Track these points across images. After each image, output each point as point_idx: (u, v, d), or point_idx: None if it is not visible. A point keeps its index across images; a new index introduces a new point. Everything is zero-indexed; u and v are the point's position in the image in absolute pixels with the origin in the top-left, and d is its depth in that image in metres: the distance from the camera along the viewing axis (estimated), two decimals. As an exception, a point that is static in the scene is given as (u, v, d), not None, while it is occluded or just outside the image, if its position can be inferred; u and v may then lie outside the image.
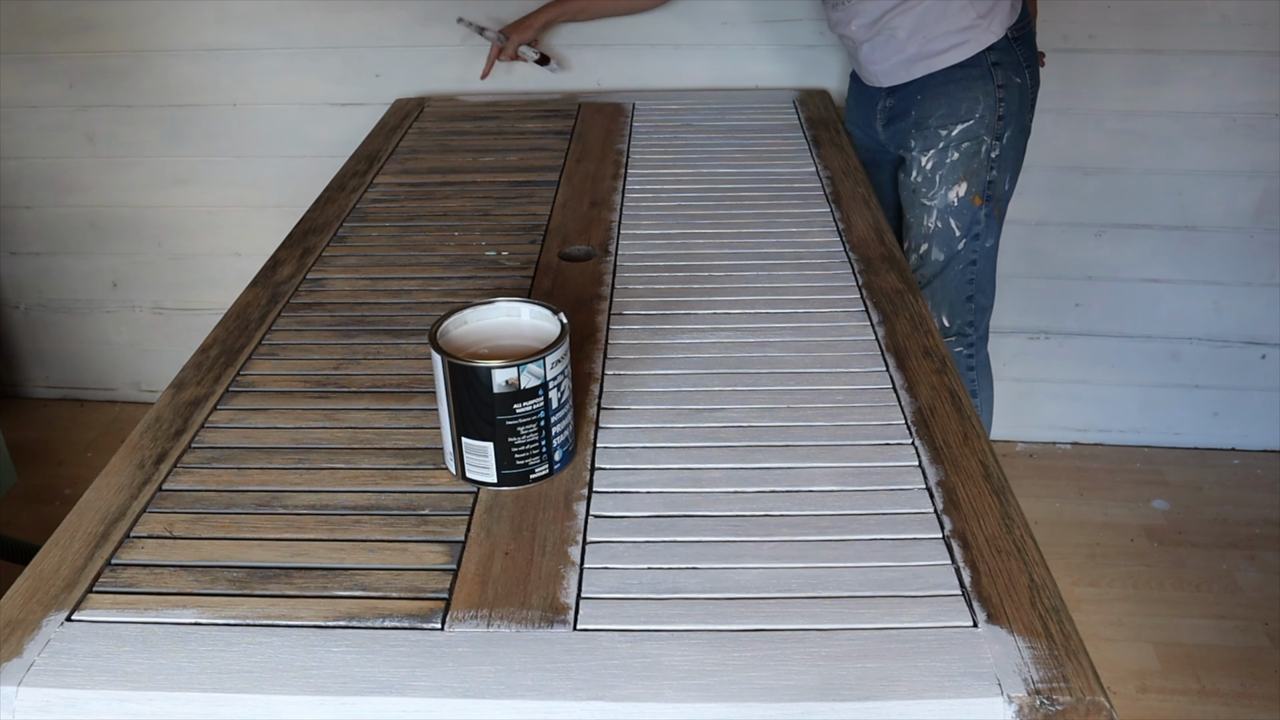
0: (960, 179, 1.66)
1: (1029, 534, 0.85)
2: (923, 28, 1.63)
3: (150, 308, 2.41)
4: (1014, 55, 1.63)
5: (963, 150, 1.65)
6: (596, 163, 1.65)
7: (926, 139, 1.67)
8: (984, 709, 0.70)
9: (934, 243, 1.71)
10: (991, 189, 1.67)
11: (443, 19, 2.06)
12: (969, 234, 1.69)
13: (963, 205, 1.67)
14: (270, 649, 0.75)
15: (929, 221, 1.70)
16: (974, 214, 1.68)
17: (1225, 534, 2.07)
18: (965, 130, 1.64)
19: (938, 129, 1.66)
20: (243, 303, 1.25)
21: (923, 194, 1.69)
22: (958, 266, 1.71)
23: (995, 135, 1.64)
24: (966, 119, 1.64)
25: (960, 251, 1.70)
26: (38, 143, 2.23)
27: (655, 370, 1.09)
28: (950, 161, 1.66)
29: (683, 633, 0.76)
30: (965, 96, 1.64)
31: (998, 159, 1.66)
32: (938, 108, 1.66)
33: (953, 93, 1.64)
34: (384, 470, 0.94)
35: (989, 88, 1.63)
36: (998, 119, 1.64)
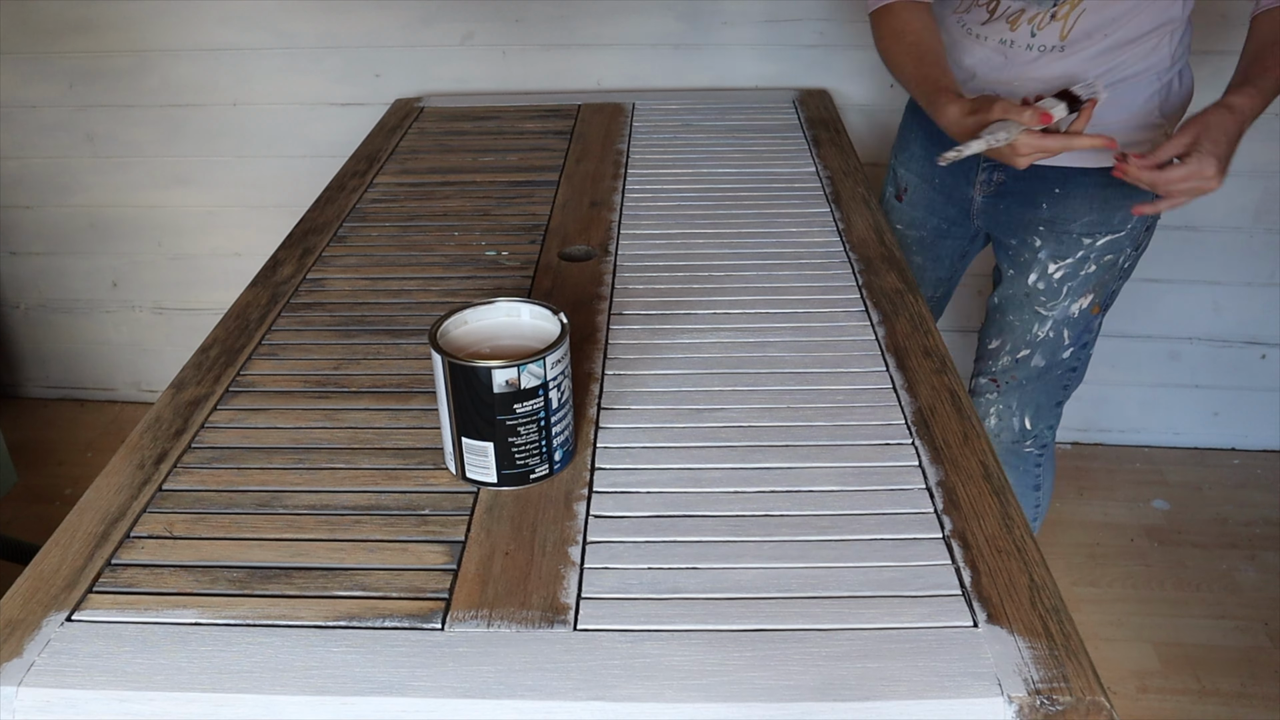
0: (1089, 291, 1.43)
1: (1029, 534, 0.85)
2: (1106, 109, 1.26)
3: (150, 308, 2.41)
4: None
5: (1102, 263, 1.41)
6: (596, 163, 1.65)
7: (1062, 245, 1.41)
8: (984, 709, 0.70)
9: (1039, 350, 1.48)
10: (1112, 298, 1.46)
11: (443, 19, 2.06)
12: (1078, 343, 1.48)
13: (1081, 316, 1.45)
14: (270, 649, 0.75)
15: (1040, 330, 1.46)
16: (1088, 323, 1.46)
17: (1225, 534, 2.07)
18: (1112, 242, 1.39)
19: (1080, 236, 1.39)
20: (243, 303, 1.25)
21: (1040, 302, 1.45)
22: (1056, 373, 1.50)
23: (1135, 245, 1.41)
24: (1118, 229, 1.38)
25: (1064, 359, 1.49)
26: (38, 143, 2.23)
27: (655, 370, 1.09)
28: (1085, 273, 1.42)
29: (683, 633, 0.76)
30: (1123, 205, 1.36)
31: (1128, 268, 1.44)
32: (1086, 213, 1.38)
33: (1110, 199, 1.36)
34: (384, 470, 0.94)
35: (1146, 194, 1.25)
36: (1145, 229, 1.41)
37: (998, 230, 1.49)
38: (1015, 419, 1.55)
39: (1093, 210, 1.38)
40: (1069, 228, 1.40)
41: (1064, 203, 1.40)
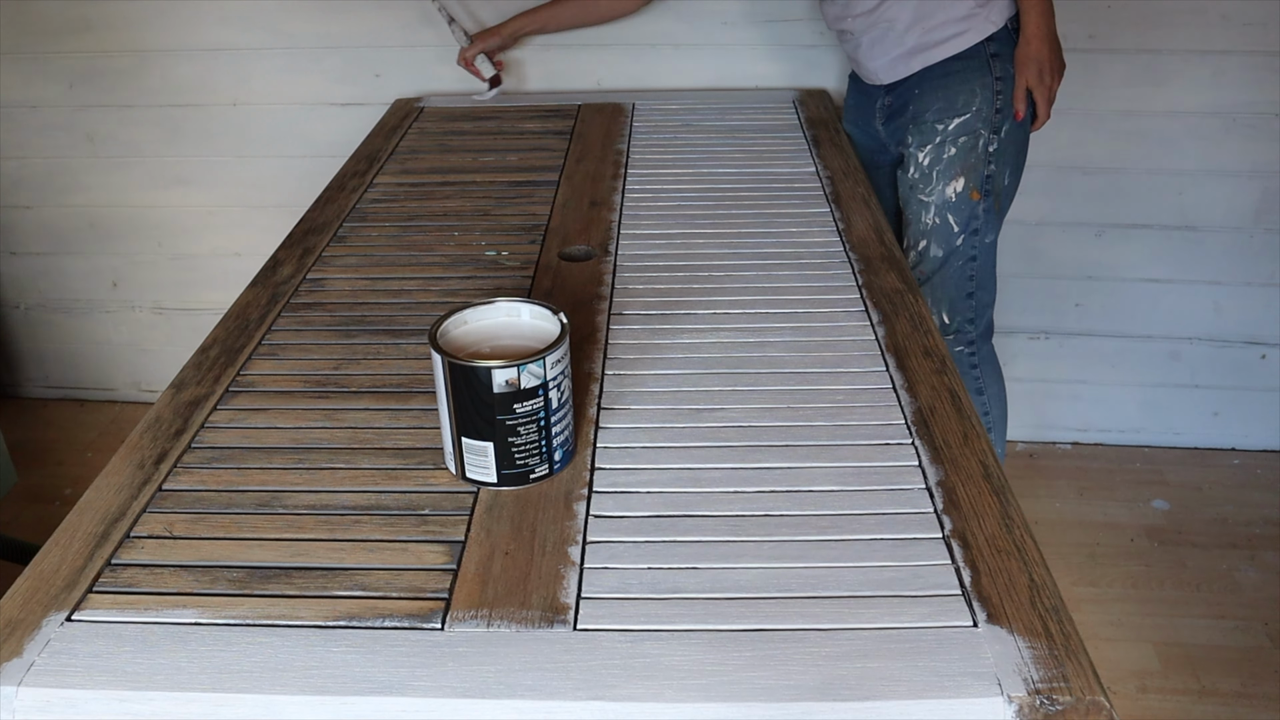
0: (958, 174, 1.63)
1: (1029, 534, 0.85)
2: (922, 18, 1.61)
3: (150, 308, 2.41)
4: (1013, 45, 1.60)
5: (960, 145, 1.63)
6: (596, 163, 1.65)
7: (923, 134, 1.65)
8: (984, 709, 0.70)
9: (932, 239, 1.68)
10: (990, 183, 1.64)
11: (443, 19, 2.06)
12: (967, 229, 1.66)
13: (960, 200, 1.64)
14: (270, 649, 0.75)
15: (927, 218, 1.68)
16: (972, 209, 1.65)
17: (1225, 534, 2.07)
18: (962, 124, 1.62)
19: (934, 124, 1.64)
20: (243, 303, 1.25)
21: (920, 190, 1.67)
22: (957, 263, 1.68)
23: (993, 129, 1.61)
24: (963, 112, 1.61)
25: (959, 247, 1.67)
26: (38, 143, 2.23)
27: (655, 370, 1.09)
28: (947, 156, 1.63)
29: (683, 633, 0.76)
30: (962, 89, 1.61)
31: (995, 153, 1.63)
32: (934, 101, 1.64)
33: (950, 85, 1.62)
34: (384, 470, 0.94)
35: (986, 80, 1.60)
36: (995, 112, 1.61)
37: (896, 145, 1.73)
38: (933, 315, 1.59)
39: (939, 98, 1.63)
40: (925, 118, 1.65)
41: (920, 99, 1.66)
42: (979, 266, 1.70)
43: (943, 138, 1.63)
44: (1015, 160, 1.67)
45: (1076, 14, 1.95)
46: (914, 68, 1.65)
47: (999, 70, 1.60)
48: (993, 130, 1.62)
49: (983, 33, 1.59)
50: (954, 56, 1.61)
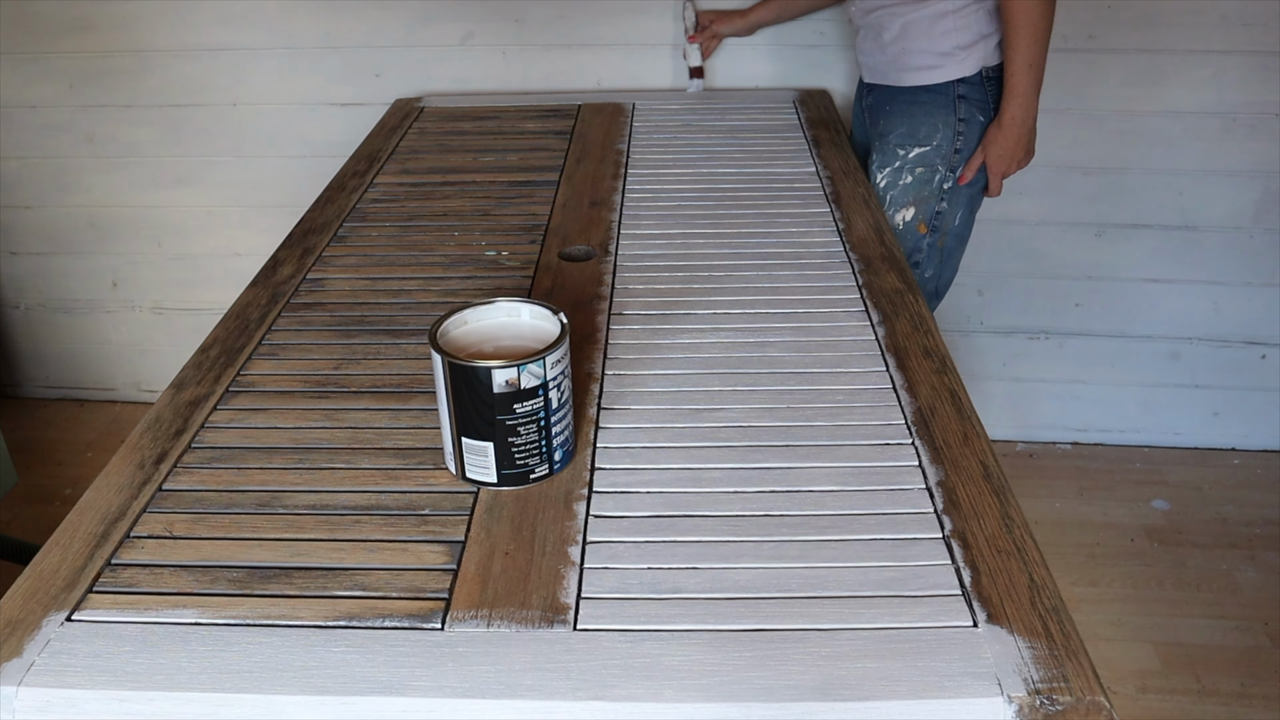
0: (909, 203, 1.64)
1: (1029, 534, 0.85)
2: (905, 38, 1.62)
3: (150, 308, 2.41)
4: (983, 93, 1.61)
5: (916, 175, 1.63)
6: (596, 163, 1.65)
7: (885, 155, 1.66)
8: (984, 709, 0.70)
9: None
10: (939, 220, 1.65)
11: (443, 19, 2.06)
12: (909, 260, 1.65)
13: (907, 229, 1.65)
14: (270, 649, 0.75)
15: None
16: (916, 240, 1.66)
17: (1225, 534, 2.07)
18: (921, 155, 1.62)
19: (896, 147, 1.64)
20: (243, 303, 1.25)
21: None
22: None
23: (950, 167, 1.62)
24: (924, 144, 1.62)
25: None
26: (38, 143, 2.23)
27: (655, 370, 1.09)
28: (902, 184, 1.64)
29: (683, 633, 0.76)
30: (925, 121, 1.62)
31: (949, 191, 1.63)
32: (899, 124, 1.65)
33: (916, 114, 1.63)
34: (384, 470, 0.94)
35: (950, 118, 1.61)
36: (954, 151, 1.61)
37: (869, 149, 1.74)
38: None
39: (903, 123, 1.65)
40: (888, 139, 1.66)
41: (888, 118, 1.68)
42: None
43: (901, 164, 1.64)
44: (969, 205, 1.67)
45: (1076, 14, 1.95)
46: (888, 80, 1.67)
47: (964, 112, 1.61)
48: (949, 169, 1.62)
49: (954, 74, 1.60)
50: (923, 87, 1.62)
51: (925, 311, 1.19)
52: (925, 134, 1.62)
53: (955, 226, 1.67)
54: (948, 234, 1.67)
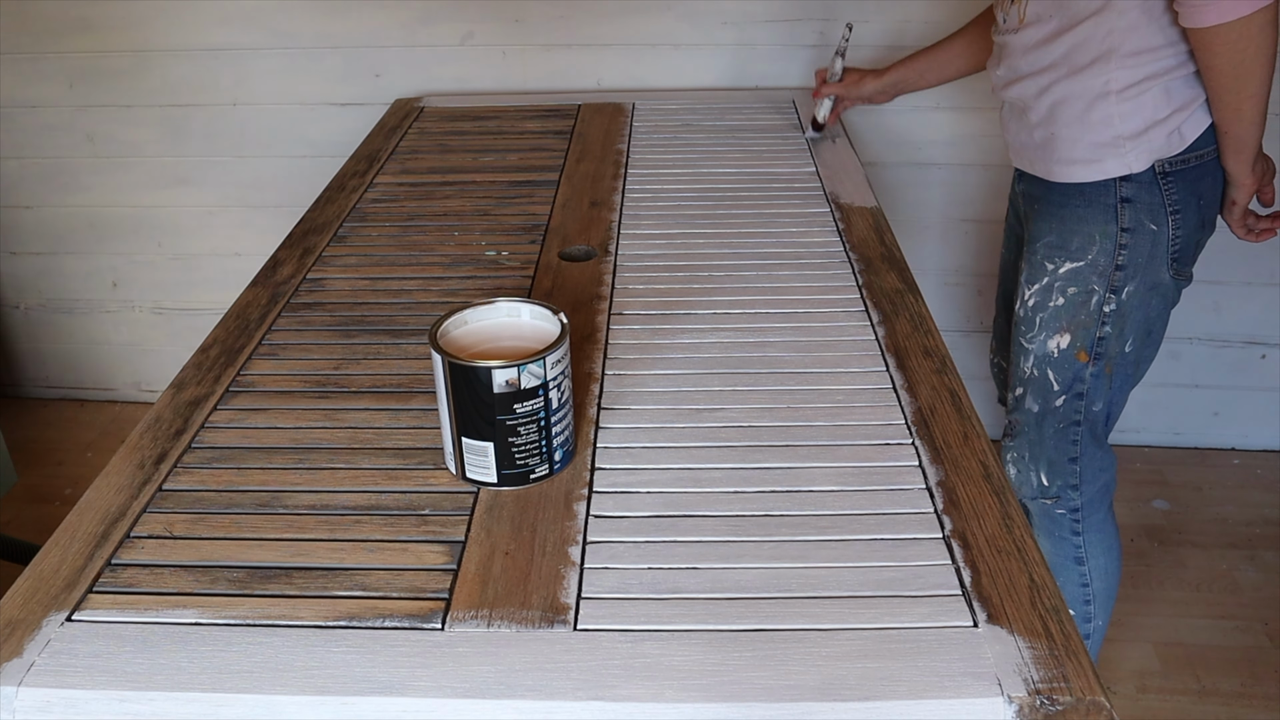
0: (1063, 329, 1.37)
1: (1029, 534, 0.85)
2: (1054, 120, 1.33)
3: (150, 308, 2.41)
4: (1156, 195, 1.30)
5: (1068, 296, 1.36)
6: (596, 163, 1.65)
7: (1033, 269, 1.39)
8: (984, 709, 0.70)
9: (1029, 391, 1.42)
10: (1103, 347, 1.36)
11: (443, 19, 2.06)
12: (1069, 391, 1.39)
13: (1064, 358, 1.38)
14: (270, 649, 0.75)
15: (1025, 365, 1.42)
16: (1077, 371, 1.38)
17: (1225, 534, 2.07)
18: (1073, 272, 1.35)
19: (1044, 261, 1.37)
20: (243, 303, 1.25)
21: (1023, 332, 1.42)
22: (1056, 424, 1.42)
23: (1110, 287, 1.33)
24: (1077, 258, 1.34)
25: (1058, 408, 1.41)
26: (38, 143, 2.23)
27: (655, 370, 1.09)
28: (1054, 305, 1.37)
29: (683, 633, 0.76)
30: (1080, 230, 1.34)
31: (1113, 315, 1.34)
32: (1048, 232, 1.37)
33: (1067, 220, 1.35)
34: (384, 470, 0.94)
35: (1110, 228, 1.31)
36: (1115, 268, 1.32)
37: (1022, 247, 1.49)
38: (1031, 472, 1.46)
39: (1053, 230, 1.37)
40: (1036, 248, 1.40)
41: (1037, 219, 1.41)
42: (1083, 432, 1.42)
43: (1050, 280, 1.37)
44: (1142, 327, 1.37)
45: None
46: (1035, 170, 1.39)
47: (1129, 220, 1.31)
48: (1110, 289, 1.33)
49: (1114, 171, 1.30)
50: (1076, 185, 1.34)
51: (925, 311, 1.19)
52: (1078, 246, 1.34)
53: (1127, 354, 1.38)
54: (1116, 360, 1.38)
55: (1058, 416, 1.41)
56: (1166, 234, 1.31)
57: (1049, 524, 1.50)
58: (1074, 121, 1.31)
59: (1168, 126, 1.28)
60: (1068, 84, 1.30)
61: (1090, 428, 1.42)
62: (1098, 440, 1.44)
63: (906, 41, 1.99)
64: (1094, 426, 1.42)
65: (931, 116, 2.07)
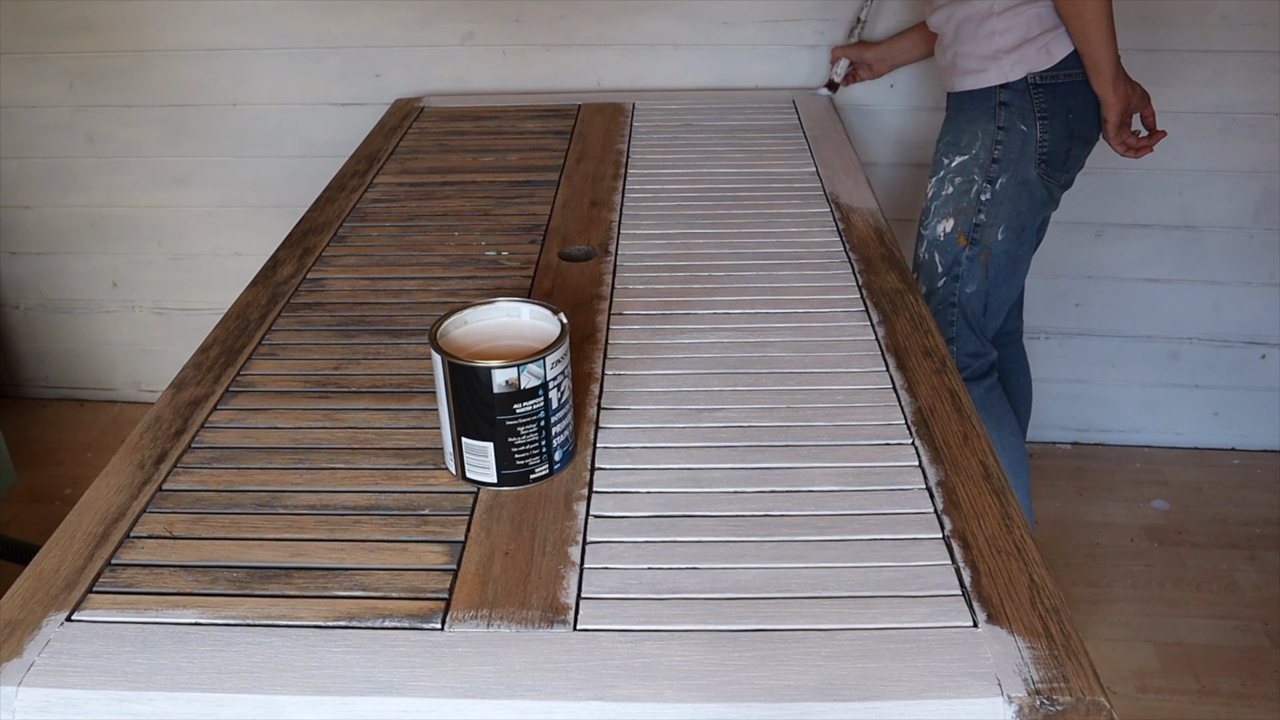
0: (949, 214, 1.60)
1: (1029, 534, 0.85)
2: (957, 41, 1.58)
3: (150, 308, 2.41)
4: (1028, 101, 1.54)
5: (955, 185, 1.59)
6: (596, 163, 1.65)
7: (934, 165, 1.63)
8: (984, 709, 0.70)
9: (920, 275, 1.65)
10: (978, 233, 1.59)
11: (443, 19, 2.06)
12: (949, 273, 1.61)
13: (947, 241, 1.60)
14: (270, 649, 0.75)
15: (920, 251, 1.66)
16: (956, 253, 1.60)
17: (1225, 534, 2.07)
18: (961, 164, 1.59)
19: (941, 156, 1.62)
20: (243, 303, 1.25)
21: (922, 222, 1.66)
22: (936, 305, 1.64)
23: (987, 178, 1.56)
24: (964, 151, 1.58)
25: (939, 289, 1.64)
26: (38, 143, 2.23)
27: (655, 370, 1.09)
28: (944, 194, 1.60)
29: (683, 633, 0.76)
30: (967, 129, 1.59)
31: (988, 204, 1.57)
32: (947, 133, 1.63)
33: (959, 121, 1.60)
34: (384, 470, 0.94)
35: (989, 126, 1.56)
36: (992, 161, 1.56)
37: None
38: None
39: (950, 130, 1.61)
40: (937, 147, 1.63)
41: (943, 126, 1.64)
42: (958, 315, 1.64)
43: (945, 173, 1.60)
44: (1013, 219, 1.59)
45: (1076, 14, 1.95)
46: (946, 86, 1.64)
47: (1004, 119, 1.55)
48: (987, 179, 1.56)
49: (994, 79, 1.55)
50: (967, 92, 1.58)
51: (925, 311, 1.19)
52: (965, 141, 1.58)
53: (999, 242, 1.60)
54: (991, 249, 1.59)
55: (938, 298, 1.63)
56: (1035, 136, 1.54)
57: None
58: (968, 39, 1.55)
59: (1038, 44, 1.51)
60: (965, 7, 1.55)
61: (963, 311, 1.62)
62: (971, 325, 1.64)
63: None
64: (966, 310, 1.62)
65: (932, 116, 2.07)
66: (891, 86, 2.06)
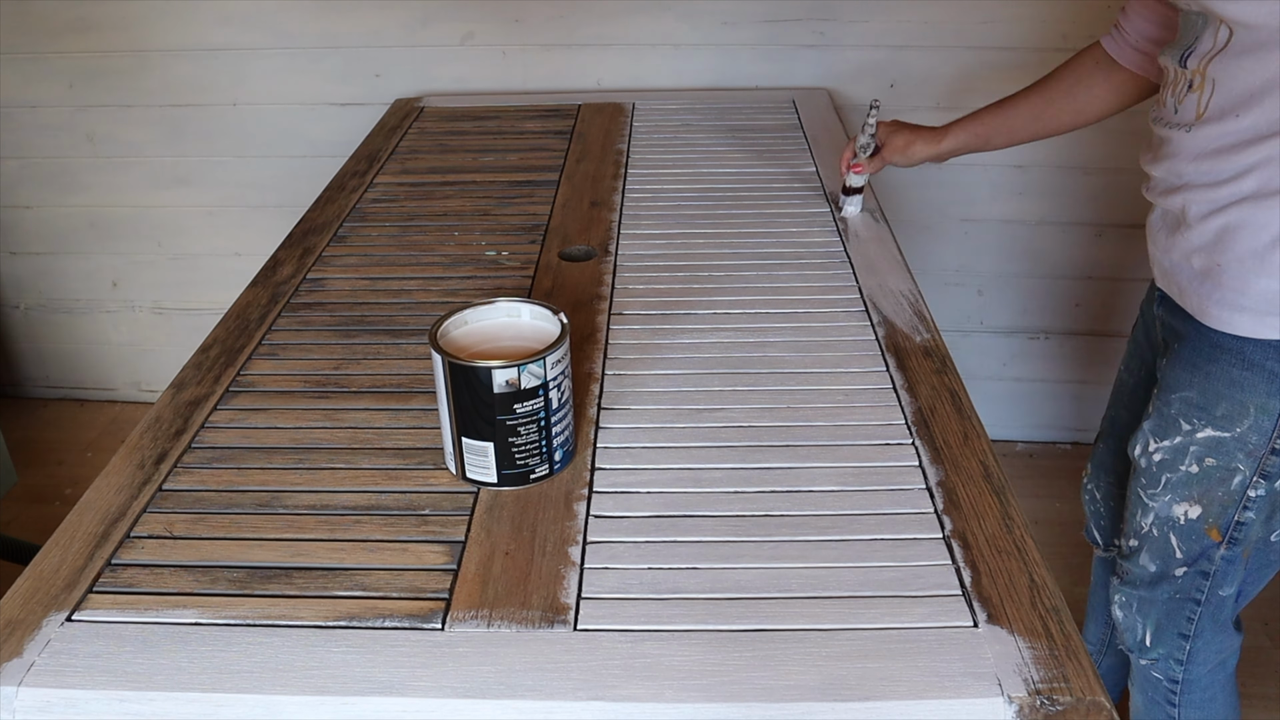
0: (1195, 500, 1.11)
1: (1029, 534, 0.85)
2: (1222, 250, 1.02)
3: (150, 308, 2.41)
4: None
5: (1204, 467, 1.09)
6: (596, 163, 1.65)
7: (1164, 420, 1.11)
8: (984, 709, 0.70)
9: (1147, 548, 1.17)
10: (1240, 531, 1.11)
11: (443, 19, 2.06)
12: (1194, 567, 1.15)
13: (1191, 529, 1.12)
14: (270, 649, 0.75)
15: (1144, 520, 1.16)
16: (1205, 548, 1.13)
17: (1225, 534, 2.07)
18: (1215, 441, 1.07)
19: (1179, 418, 1.10)
20: (243, 303, 1.25)
21: (1143, 485, 1.15)
22: (1171, 593, 1.18)
23: (1260, 471, 1.06)
24: (1221, 427, 1.06)
25: (1178, 579, 1.16)
26: (38, 143, 2.23)
27: (655, 370, 1.09)
28: (1184, 470, 1.10)
29: (683, 633, 0.76)
30: (1230, 395, 1.05)
31: (1259, 501, 1.08)
32: (1188, 385, 1.09)
33: (1216, 378, 1.06)
34: (384, 470, 0.94)
35: (1273, 402, 1.03)
36: (1270, 451, 1.05)
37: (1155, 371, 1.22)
38: (1138, 624, 1.23)
39: (1194, 385, 1.08)
40: (1169, 400, 1.11)
41: (1174, 364, 1.11)
42: (1203, 614, 1.18)
43: (1185, 441, 1.10)
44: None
45: (1076, 14, 1.95)
46: (1184, 303, 1.09)
47: None
48: (1260, 473, 1.07)
49: None
50: (1236, 338, 1.04)
51: (925, 311, 1.19)
52: (1225, 413, 1.06)
53: (1273, 544, 1.14)
54: (1258, 545, 1.14)
55: (1175, 587, 1.17)
56: None
57: (1144, 682, 1.29)
58: (1250, 258, 1.00)
59: None
60: (1250, 209, 0.99)
61: (1212, 611, 1.18)
62: (1219, 624, 1.20)
63: (914, 40, 1.99)
64: (1217, 611, 1.18)
65: (931, 116, 2.06)
66: (891, 86, 2.06)
